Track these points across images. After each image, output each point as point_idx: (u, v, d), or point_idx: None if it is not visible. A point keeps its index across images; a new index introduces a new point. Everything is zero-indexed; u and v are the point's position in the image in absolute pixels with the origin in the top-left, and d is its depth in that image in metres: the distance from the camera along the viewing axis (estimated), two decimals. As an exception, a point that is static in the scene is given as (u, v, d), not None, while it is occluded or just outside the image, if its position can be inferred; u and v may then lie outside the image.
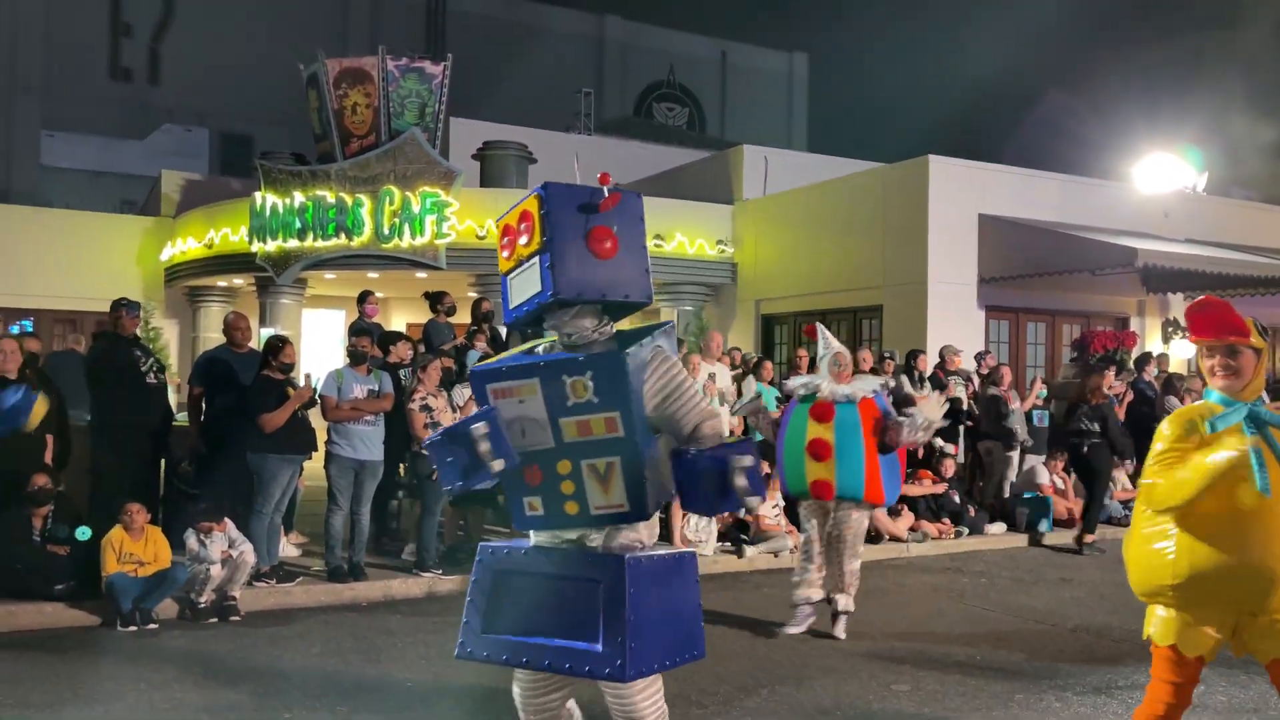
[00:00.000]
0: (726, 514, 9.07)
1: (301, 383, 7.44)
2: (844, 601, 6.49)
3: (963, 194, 13.32)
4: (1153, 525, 3.28)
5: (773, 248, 15.50)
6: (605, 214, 3.03)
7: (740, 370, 9.99)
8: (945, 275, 13.11)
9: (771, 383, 10.12)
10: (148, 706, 4.94)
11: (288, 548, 8.00)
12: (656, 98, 34.24)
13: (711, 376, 9.08)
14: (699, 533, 8.79)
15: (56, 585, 6.58)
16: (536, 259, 3.03)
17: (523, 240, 3.08)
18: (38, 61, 27.87)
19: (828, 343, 6.49)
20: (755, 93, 34.93)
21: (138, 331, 7.90)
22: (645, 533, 3.25)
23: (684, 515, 8.77)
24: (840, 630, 6.46)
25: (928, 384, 10.82)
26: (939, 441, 10.19)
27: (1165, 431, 3.23)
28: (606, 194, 3.02)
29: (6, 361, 6.88)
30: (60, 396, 7.75)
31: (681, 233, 15.47)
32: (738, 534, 9.08)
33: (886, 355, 10.93)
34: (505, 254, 3.20)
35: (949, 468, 10.16)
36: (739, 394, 9.64)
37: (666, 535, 8.97)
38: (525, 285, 3.10)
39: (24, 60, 27.73)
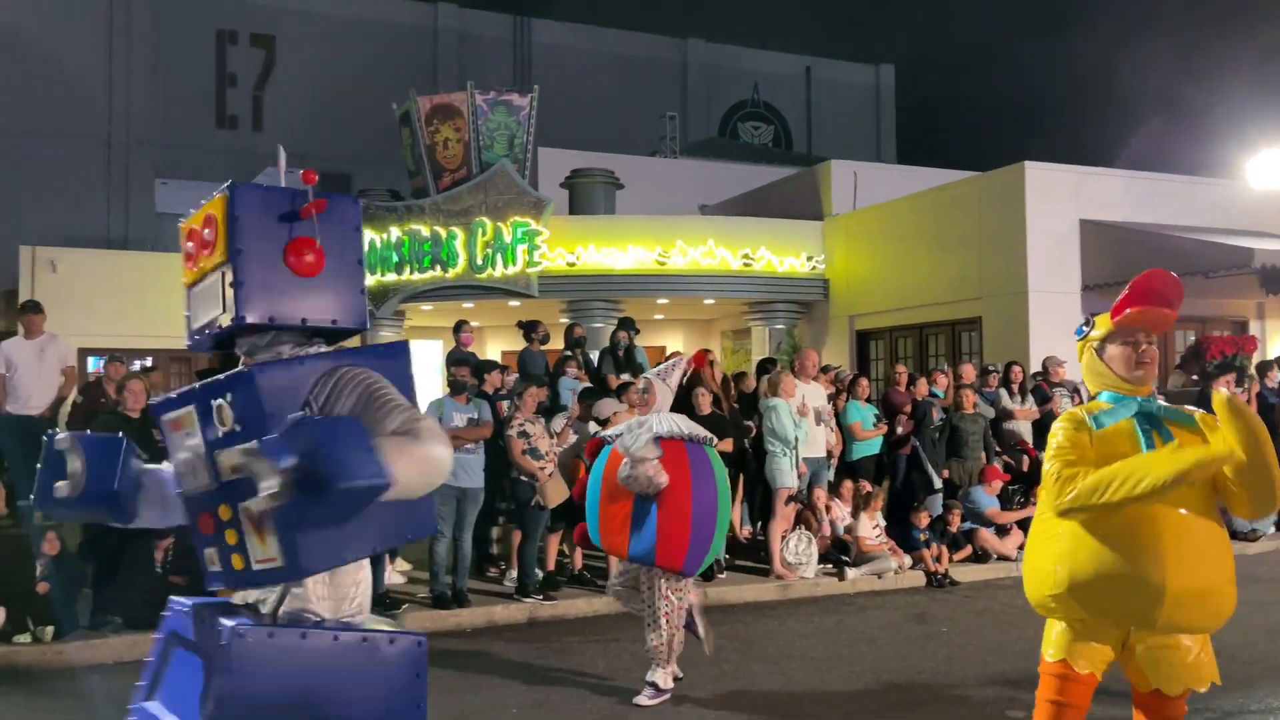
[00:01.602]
0: (825, 535, 8.92)
1: None
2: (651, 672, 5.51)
3: (1062, 199, 12.92)
4: (1041, 530, 3.07)
5: (865, 262, 15.27)
6: (307, 222, 2.50)
7: (836, 389, 9.83)
8: (1047, 284, 12.71)
9: (869, 400, 9.93)
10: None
11: (393, 575, 8.16)
12: (741, 117, 34.20)
13: (804, 397, 8.96)
14: (799, 555, 8.65)
15: (177, 615, 6.82)
16: (219, 274, 2.53)
17: (206, 250, 2.58)
18: (150, 114, 29.37)
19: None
20: (841, 107, 34.60)
21: None
22: (324, 599, 2.47)
23: (782, 538, 8.65)
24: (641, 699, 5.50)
25: (1029, 397, 10.47)
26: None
27: (1059, 427, 3.07)
28: (310, 198, 2.51)
29: (137, 401, 7.24)
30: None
31: (771, 250, 15.37)
32: (839, 556, 8.91)
33: (990, 369, 10.63)
34: (189, 264, 2.71)
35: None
36: (835, 413, 9.49)
37: (767, 559, 8.86)
38: (208, 304, 2.59)
39: (138, 114, 29.25)
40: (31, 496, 2.67)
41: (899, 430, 9.69)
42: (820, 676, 6.06)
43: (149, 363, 16.31)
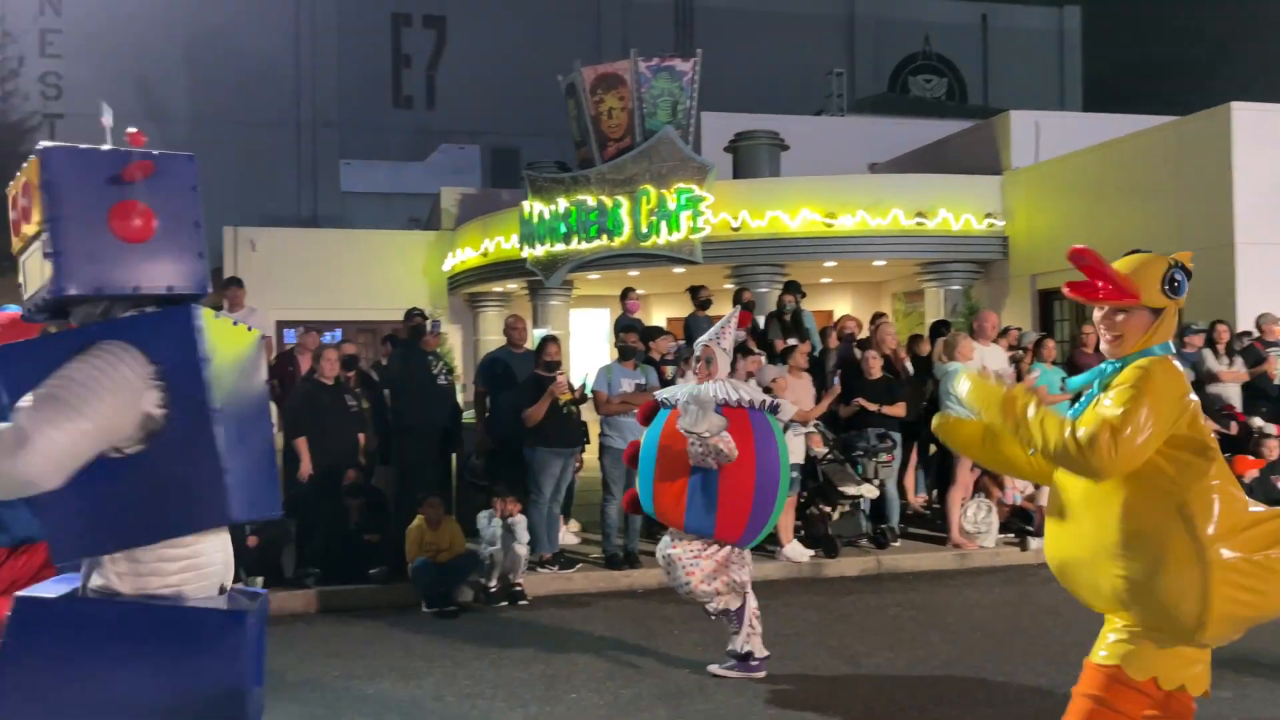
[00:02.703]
0: (1006, 504, 8.56)
1: (577, 383, 7.78)
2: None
3: (1275, 143, 11.78)
4: None
5: (1049, 218, 14.43)
6: (132, 185, 2.36)
7: (1018, 351, 9.35)
8: (1258, 235, 11.64)
9: (1055, 363, 9.41)
10: (451, 683, 5.33)
11: (567, 536, 8.38)
12: (912, 70, 32.89)
13: (983, 360, 8.57)
14: (978, 524, 8.34)
15: (370, 570, 7.26)
16: (38, 242, 2.38)
17: (26, 219, 2.45)
18: (334, 98, 31.00)
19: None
20: (1021, 54, 32.73)
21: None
22: (124, 575, 2.36)
23: (961, 505, 8.35)
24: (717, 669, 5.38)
25: (1238, 358, 9.66)
26: (1258, 421, 9.08)
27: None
28: (136, 159, 2.37)
29: (331, 369, 7.71)
30: (378, 399, 8.57)
31: (945, 208, 14.74)
32: (1021, 525, 8.53)
33: (1192, 328, 9.86)
34: (14, 233, 2.57)
35: (1273, 449, 9.01)
36: (1018, 377, 9.04)
37: (943, 527, 8.59)
38: (37, 273, 2.44)
39: (322, 98, 30.96)
40: None
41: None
42: (1002, 648, 5.83)
43: (338, 335, 17.33)
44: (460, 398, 10.49)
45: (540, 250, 15.68)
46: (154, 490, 2.33)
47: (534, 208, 15.70)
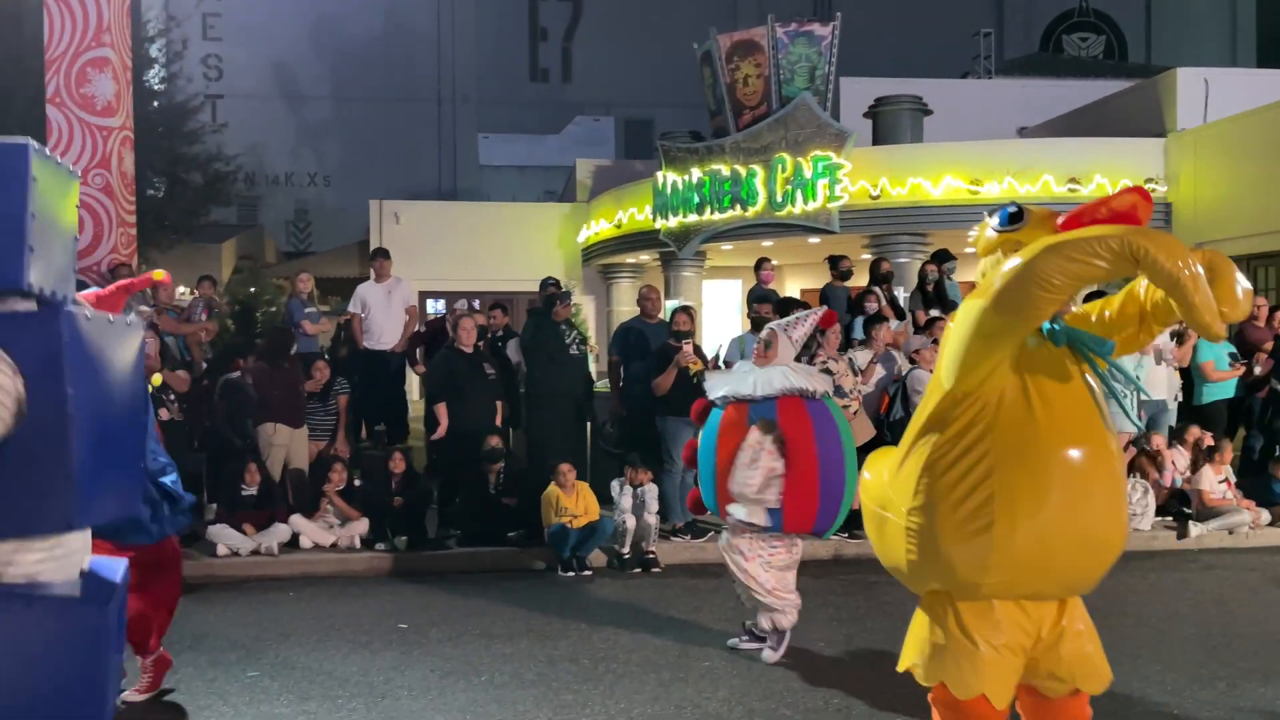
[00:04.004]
0: (1165, 487, 8.09)
1: (710, 354, 7.76)
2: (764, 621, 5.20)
3: None
4: None
5: (1219, 182, 13.47)
6: None
7: (1181, 325, 8.78)
8: None
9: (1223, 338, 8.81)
10: (587, 646, 5.42)
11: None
12: (1067, 29, 31.16)
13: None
14: (1133, 506, 7.89)
15: (508, 533, 7.44)
16: None
17: None
18: (472, 73, 31.68)
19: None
20: (1188, 8, 30.59)
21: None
22: (27, 562, 2.34)
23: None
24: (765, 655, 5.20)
25: None
26: None
27: None
28: None
29: (469, 337, 7.94)
30: (509, 368, 8.77)
31: (1101, 174, 13.93)
32: (1179, 508, 8.05)
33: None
34: None
35: None
36: (1179, 348, 8.51)
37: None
38: None
39: (461, 73, 31.68)
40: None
41: (1257, 370, 8.54)
42: (1159, 636, 5.53)
43: (475, 304, 17.80)
44: (594, 368, 10.61)
45: (673, 221, 15.64)
46: (5, 489, 2.29)
47: (667, 178, 15.66)
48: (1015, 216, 2.70)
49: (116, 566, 2.65)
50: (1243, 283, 2.45)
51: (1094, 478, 2.59)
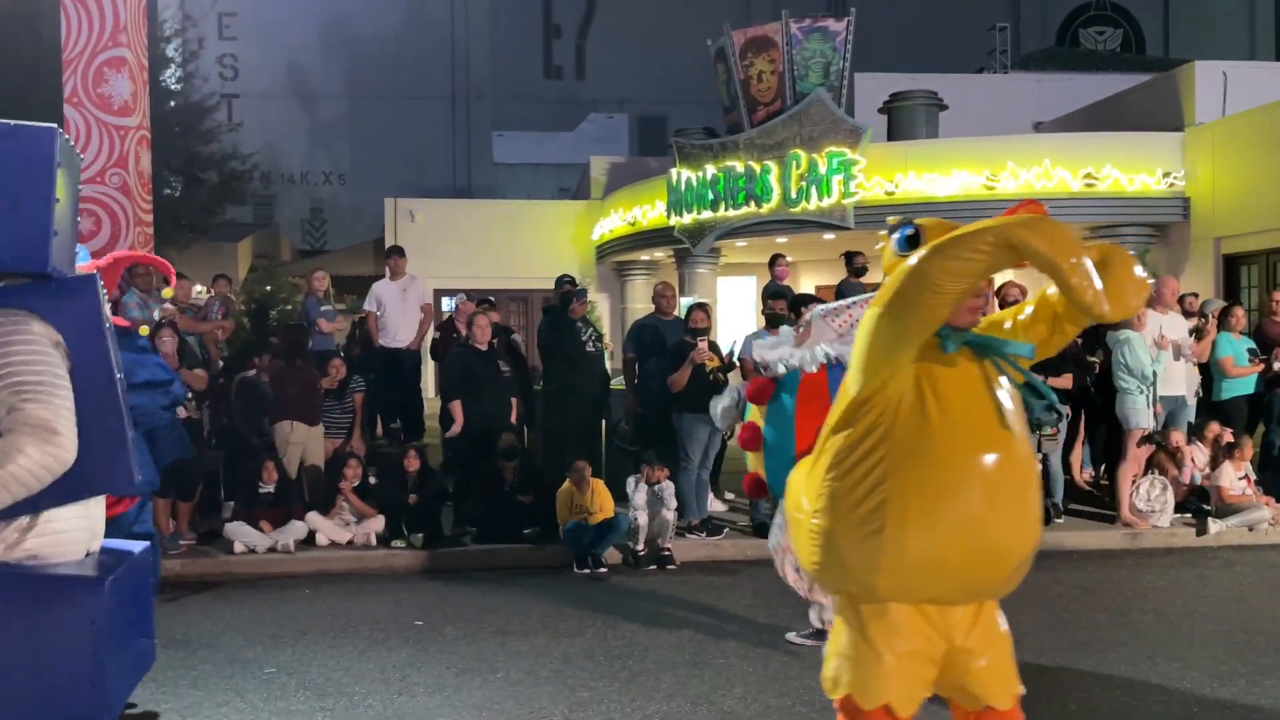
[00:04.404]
0: (1184, 482, 8.03)
1: (725, 350, 7.74)
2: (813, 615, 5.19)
3: None
4: None
5: (1237, 176, 13.35)
6: None
7: (1199, 319, 8.71)
8: None
9: (1243, 333, 8.73)
10: (603, 643, 5.42)
11: (715, 502, 8.37)
12: (1083, 22, 30.93)
13: (1160, 328, 8.03)
14: (1151, 502, 7.85)
15: (524, 530, 7.45)
16: None
17: None
18: (486, 71, 31.72)
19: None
20: (1206, 0, 30.32)
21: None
22: None
23: (1133, 481, 7.88)
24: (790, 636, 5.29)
25: None
26: None
27: None
28: None
29: (484, 334, 7.95)
30: (524, 365, 8.79)
31: (1118, 168, 13.84)
32: (1198, 504, 7.99)
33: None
34: None
35: None
36: (1198, 343, 8.43)
37: (1110, 504, 8.14)
38: None
39: (475, 72, 31.73)
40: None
41: (1276, 366, 8.45)
42: (1177, 632, 5.49)
43: (491, 300, 17.82)
44: (609, 365, 10.61)
45: (688, 218, 15.62)
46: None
47: (681, 175, 15.64)
48: (913, 239, 2.69)
49: (131, 549, 2.68)
50: (1138, 275, 2.43)
51: (992, 483, 2.55)
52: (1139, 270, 2.43)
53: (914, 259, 2.48)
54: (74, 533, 2.53)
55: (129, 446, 2.42)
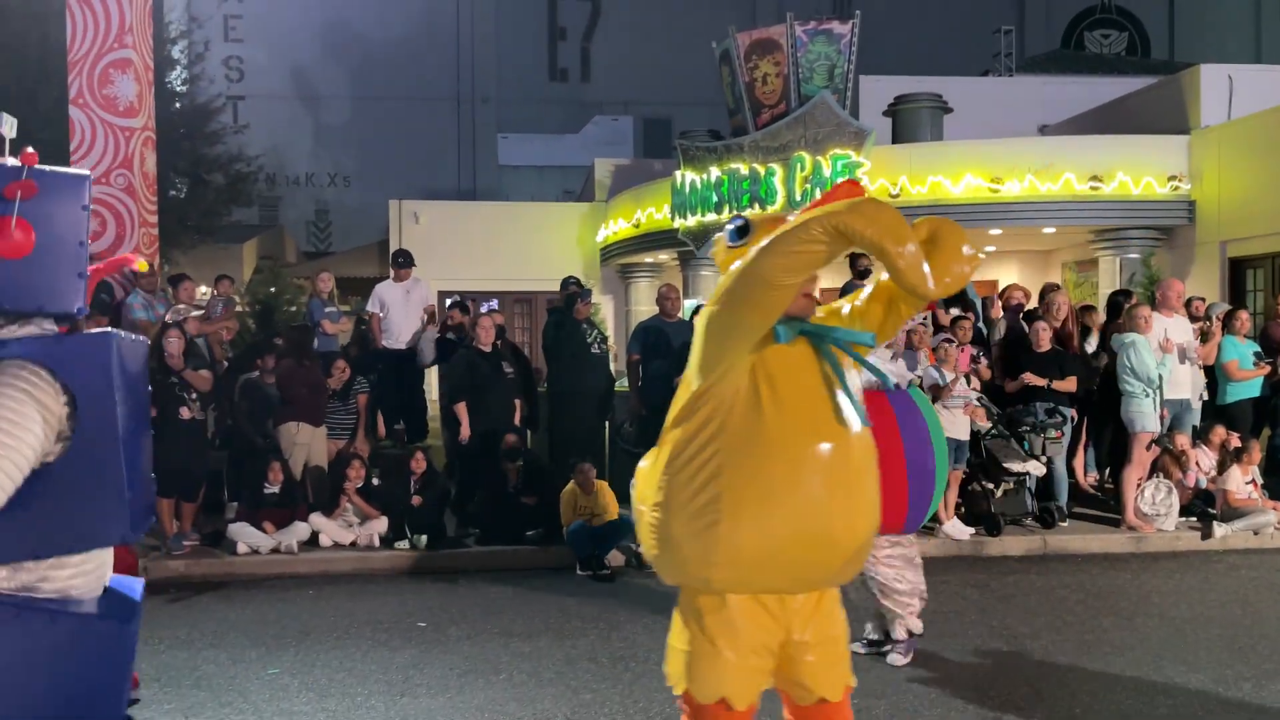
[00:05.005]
0: (1189, 486, 8.01)
1: None
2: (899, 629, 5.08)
3: None
4: None
5: (1243, 180, 13.32)
6: (9, 203, 2.33)
7: (1204, 323, 8.69)
8: None
9: (1248, 337, 8.70)
10: (606, 645, 5.41)
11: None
12: (1088, 25, 30.91)
13: (1166, 332, 8.01)
14: (1156, 506, 7.83)
15: (527, 531, 7.44)
16: None
17: None
18: (491, 73, 31.75)
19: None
20: (1212, 3, 30.29)
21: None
22: (5, 580, 2.35)
23: (1137, 485, 7.86)
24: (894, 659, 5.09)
25: None
26: None
27: None
28: (24, 176, 2.33)
29: (488, 336, 7.95)
30: (528, 366, 8.79)
31: (1124, 171, 13.82)
32: (1203, 508, 7.97)
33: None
34: None
35: None
36: (1203, 346, 8.41)
37: (1115, 508, 8.12)
38: None
39: (481, 73, 31.75)
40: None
41: (1283, 370, 8.43)
42: (1182, 636, 5.47)
43: (494, 304, 17.83)
44: (613, 367, 10.60)
45: (692, 220, 15.62)
46: (57, 506, 2.34)
47: (685, 177, 15.64)
48: (743, 230, 2.71)
49: (135, 584, 2.69)
50: (965, 253, 2.43)
51: (825, 473, 2.55)
52: (966, 248, 2.44)
53: (750, 255, 2.48)
54: (104, 568, 2.54)
55: (125, 501, 2.41)
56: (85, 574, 2.46)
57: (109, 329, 2.53)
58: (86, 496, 2.39)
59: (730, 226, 2.76)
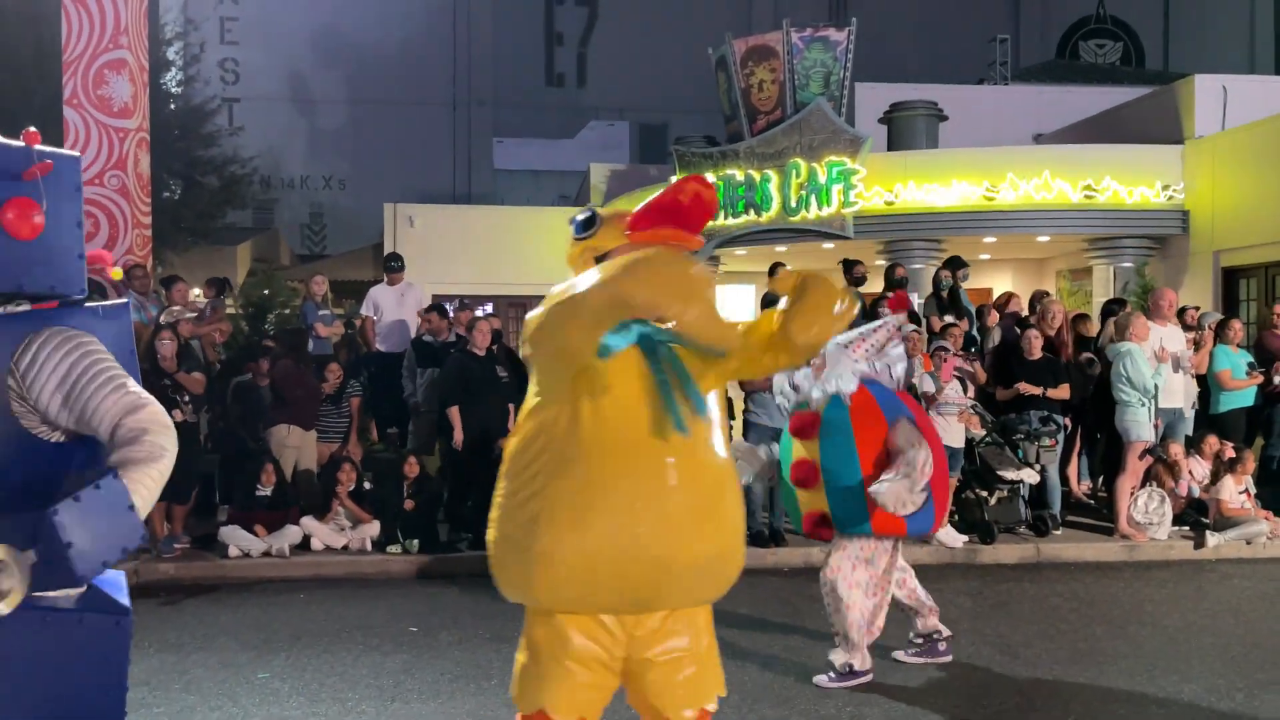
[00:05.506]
0: (1181, 495, 8.02)
1: None
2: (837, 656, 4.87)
3: None
4: None
5: (1236, 190, 13.36)
6: (30, 184, 2.34)
7: (1197, 332, 8.71)
8: None
9: (1241, 346, 8.72)
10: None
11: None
12: (1083, 35, 31.03)
13: (1160, 341, 8.03)
14: (1149, 515, 7.85)
15: (518, 536, 7.41)
16: None
17: None
18: (488, 78, 31.75)
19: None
20: (1206, 14, 30.42)
21: None
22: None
23: (1131, 494, 7.87)
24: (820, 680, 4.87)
25: None
26: None
27: None
28: (36, 159, 2.35)
29: (484, 339, 7.94)
30: (521, 370, 8.75)
31: (1117, 180, 13.85)
32: (1196, 517, 7.98)
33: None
34: None
35: None
36: (1195, 355, 8.43)
37: (1108, 516, 8.13)
38: None
39: (477, 78, 31.76)
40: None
41: (1276, 380, 8.45)
42: (1175, 645, 5.47)
43: (489, 308, 17.80)
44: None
45: (688, 225, 15.61)
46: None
47: (682, 183, 15.63)
48: (588, 223, 2.64)
49: (119, 581, 2.64)
50: (837, 309, 2.40)
51: (646, 493, 2.41)
52: (838, 306, 2.41)
53: (557, 302, 2.36)
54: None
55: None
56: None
57: (125, 299, 2.59)
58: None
59: (578, 218, 2.67)
